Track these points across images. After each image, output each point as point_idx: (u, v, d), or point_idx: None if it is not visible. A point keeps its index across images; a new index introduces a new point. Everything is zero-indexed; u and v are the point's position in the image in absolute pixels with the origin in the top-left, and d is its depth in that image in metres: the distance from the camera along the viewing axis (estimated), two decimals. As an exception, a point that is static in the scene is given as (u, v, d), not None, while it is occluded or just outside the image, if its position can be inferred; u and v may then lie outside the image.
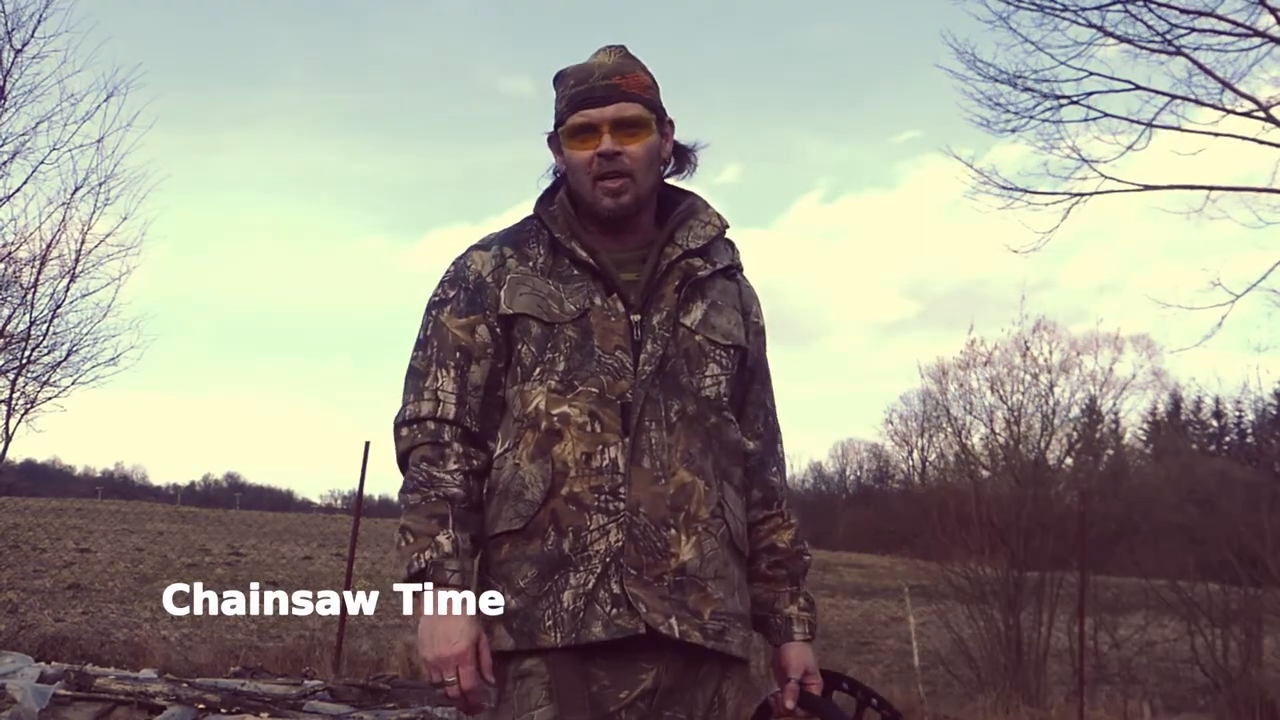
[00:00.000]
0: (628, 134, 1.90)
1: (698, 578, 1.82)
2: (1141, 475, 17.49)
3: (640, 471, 1.82)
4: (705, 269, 1.95)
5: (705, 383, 1.91)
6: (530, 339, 1.90)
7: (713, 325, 1.94)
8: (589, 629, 1.78)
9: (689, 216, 1.99)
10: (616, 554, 1.79)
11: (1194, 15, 9.81)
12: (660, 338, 1.88)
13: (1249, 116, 9.98)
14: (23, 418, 9.42)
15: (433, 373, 1.91)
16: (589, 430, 1.83)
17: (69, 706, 6.23)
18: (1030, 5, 10.11)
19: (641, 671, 1.81)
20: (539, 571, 1.81)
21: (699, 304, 1.94)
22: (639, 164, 1.91)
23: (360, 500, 10.59)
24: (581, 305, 1.89)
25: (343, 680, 7.80)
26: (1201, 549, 10.50)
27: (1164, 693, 10.24)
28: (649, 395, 1.84)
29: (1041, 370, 12.45)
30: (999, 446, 12.47)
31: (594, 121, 1.90)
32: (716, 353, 1.94)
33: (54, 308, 9.48)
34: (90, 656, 8.70)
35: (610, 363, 1.86)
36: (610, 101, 1.90)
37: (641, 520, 1.80)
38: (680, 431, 1.85)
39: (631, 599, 1.78)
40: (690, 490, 1.84)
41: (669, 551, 1.80)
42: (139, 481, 49.57)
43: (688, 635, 1.80)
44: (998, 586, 10.16)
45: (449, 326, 1.93)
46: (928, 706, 9.03)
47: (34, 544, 15.96)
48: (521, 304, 1.91)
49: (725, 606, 1.86)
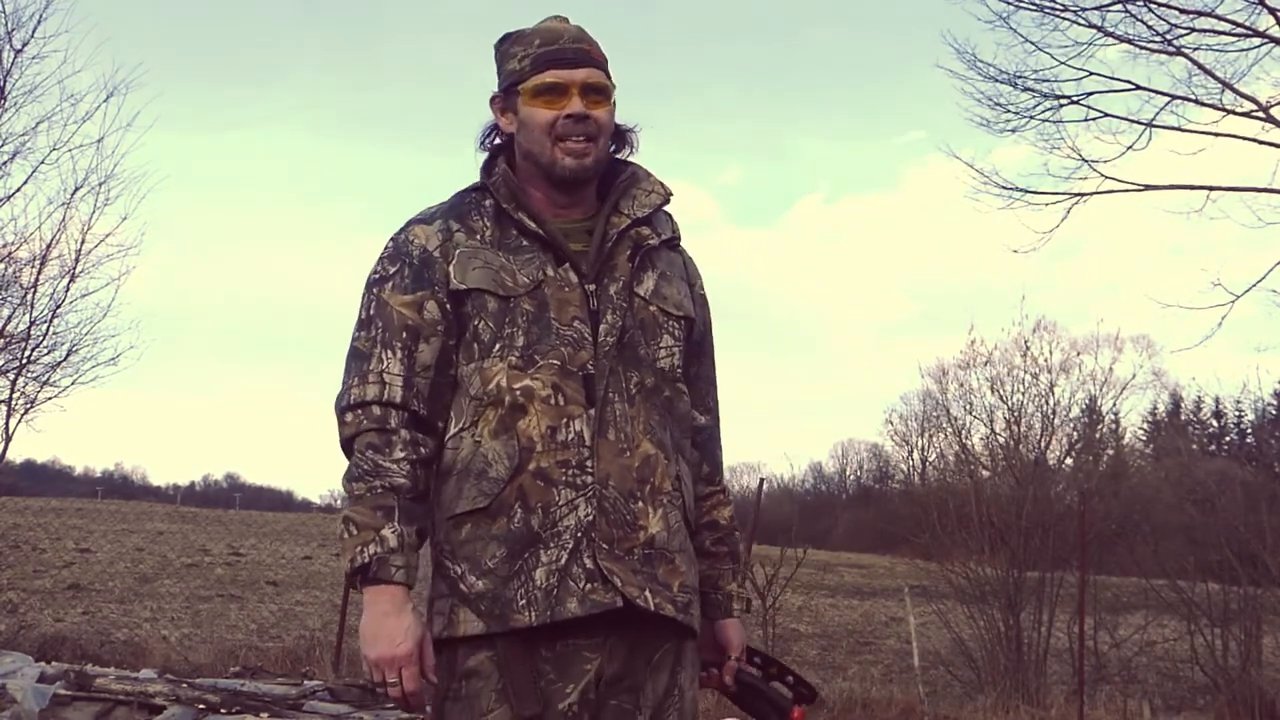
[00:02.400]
0: (595, 99, 1.89)
1: (665, 550, 1.82)
2: (1141, 475, 17.49)
3: (606, 444, 1.79)
4: (653, 239, 1.94)
5: (660, 354, 1.90)
6: (487, 314, 1.84)
7: (664, 295, 1.93)
8: (564, 605, 1.74)
9: (631, 185, 1.96)
10: (588, 528, 1.76)
11: (1194, 15, 9.83)
12: (619, 308, 1.86)
13: (1249, 116, 10.00)
14: (23, 418, 9.44)
15: (377, 354, 1.84)
16: (553, 403, 1.79)
17: (69, 706, 6.23)
18: (1030, 5, 10.13)
19: (585, 663, 1.78)
20: (508, 550, 1.76)
21: (650, 273, 1.92)
22: (603, 130, 1.90)
23: (360, 500, 10.55)
24: (535, 277, 1.85)
25: (343, 680, 7.79)
26: (1201, 549, 10.49)
27: (1164, 692, 10.23)
28: (611, 367, 1.83)
29: (1042, 370, 12.45)
30: (999, 446, 12.48)
31: (564, 82, 1.87)
32: (670, 323, 1.92)
33: (54, 308, 9.51)
34: (90, 656, 8.69)
35: (569, 334, 1.83)
36: (581, 65, 1.88)
37: (611, 493, 1.78)
38: (640, 403, 1.84)
39: (606, 573, 1.76)
40: (654, 462, 1.83)
41: (638, 524, 1.79)
42: (139, 481, 49.57)
43: (662, 608, 1.79)
44: (998, 586, 10.15)
45: (393, 305, 1.86)
46: (928, 706, 9.03)
47: (34, 544, 15.95)
48: (475, 278, 1.85)
49: (689, 580, 1.86)
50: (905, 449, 28.14)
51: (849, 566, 22.12)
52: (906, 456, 28.57)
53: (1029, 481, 11.19)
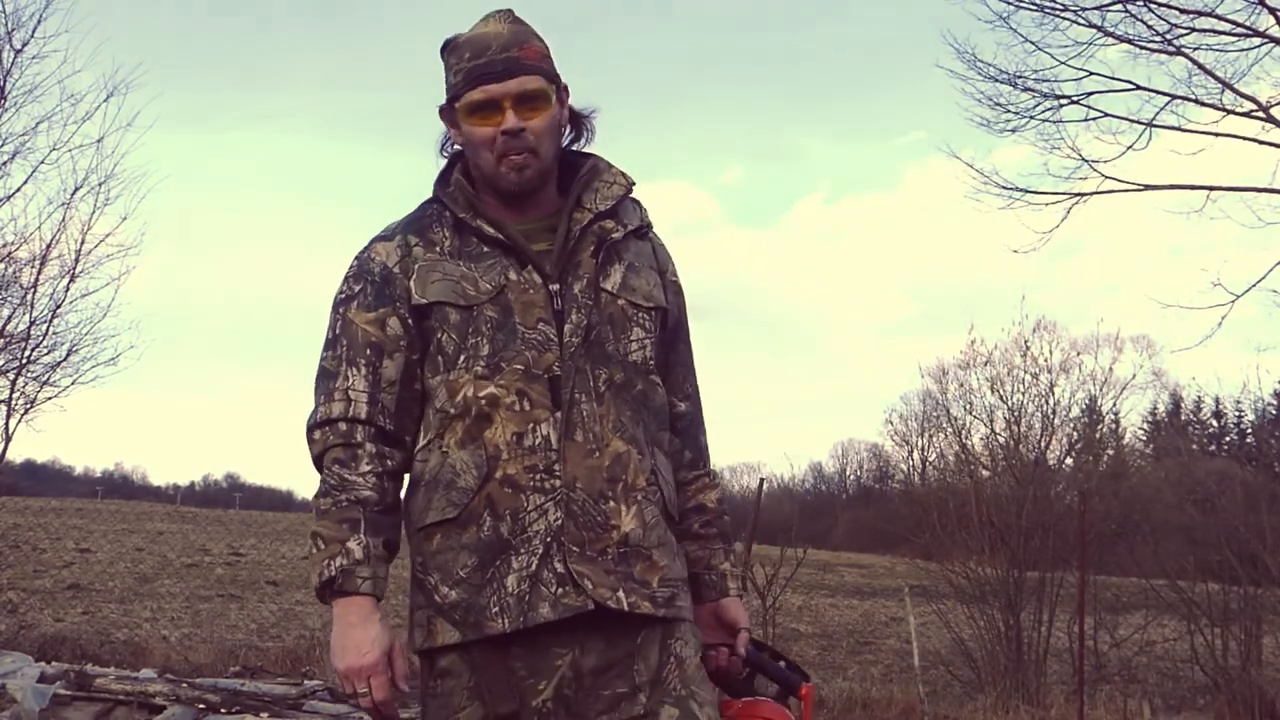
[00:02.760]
0: (530, 108, 1.85)
1: (641, 547, 1.81)
2: (1141, 475, 17.48)
3: (574, 446, 1.79)
4: (618, 231, 1.91)
5: (631, 347, 1.89)
6: (449, 327, 1.85)
7: (632, 288, 1.91)
8: (536, 611, 1.75)
9: (593, 179, 1.94)
10: (557, 532, 1.77)
11: (1194, 15, 9.82)
12: (584, 306, 1.85)
13: (1249, 116, 10.00)
14: (23, 418, 9.43)
15: (343, 372, 1.86)
16: (517, 409, 1.79)
17: (69, 706, 6.23)
18: (1030, 5, 10.13)
19: (556, 658, 1.78)
20: (479, 559, 1.78)
21: (617, 267, 1.91)
22: (543, 138, 1.87)
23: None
24: (497, 282, 1.84)
25: (343, 680, 7.78)
26: (1201, 549, 10.49)
27: (1164, 692, 10.23)
28: (578, 367, 1.82)
29: (1042, 370, 12.43)
30: (999, 446, 12.46)
31: (495, 97, 1.84)
32: (640, 315, 1.91)
33: (54, 308, 9.48)
34: (90, 656, 8.69)
35: (534, 337, 1.82)
36: (511, 75, 1.85)
37: (579, 495, 1.78)
38: (610, 401, 1.83)
39: (576, 576, 1.76)
40: (625, 459, 1.82)
41: (609, 524, 1.79)
42: (139, 481, 49.60)
43: (637, 606, 1.79)
44: (998, 586, 10.15)
45: (357, 323, 1.88)
46: (928, 706, 9.03)
47: (34, 544, 15.95)
48: (435, 291, 1.86)
49: (672, 572, 1.86)
50: (905, 449, 28.12)
51: (849, 566, 22.12)
52: (906, 456, 28.55)
53: (1029, 481, 11.18)
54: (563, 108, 1.93)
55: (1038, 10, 10.11)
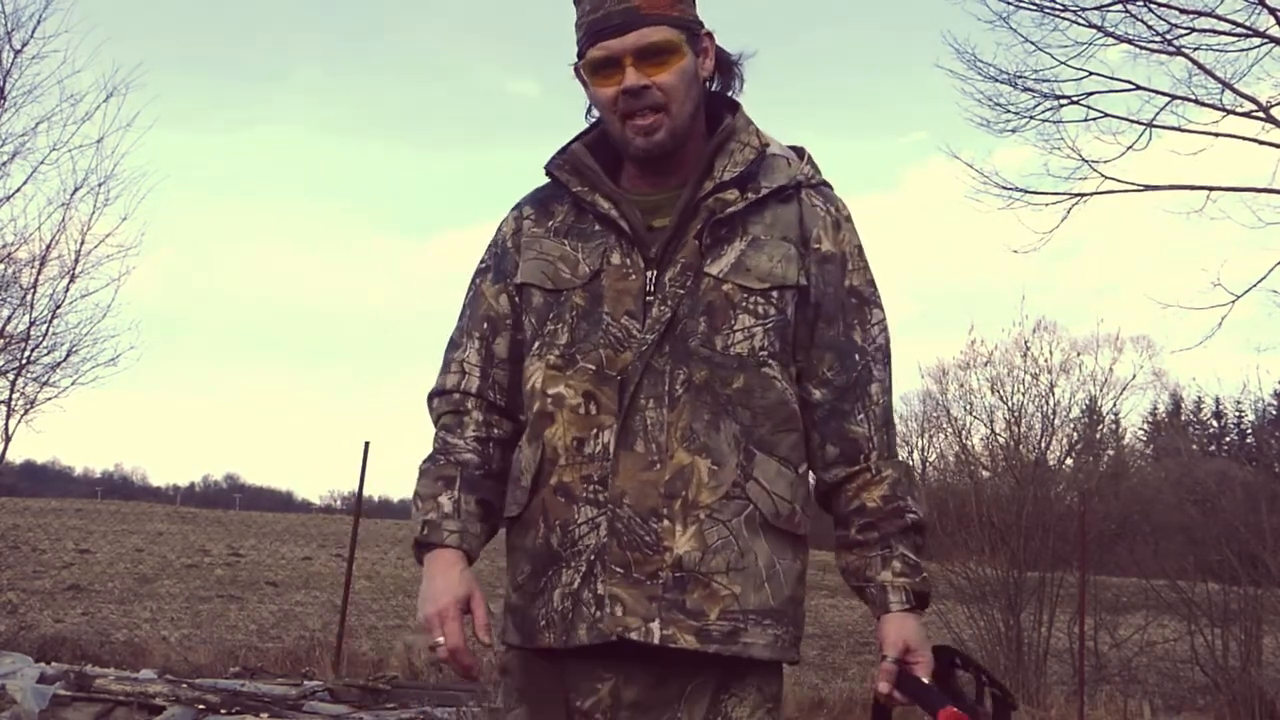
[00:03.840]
0: (654, 63, 1.67)
1: (699, 572, 1.62)
2: (1141, 475, 17.50)
3: (632, 457, 1.63)
4: (738, 202, 1.69)
5: (735, 338, 1.67)
6: (531, 309, 1.76)
7: (747, 268, 1.68)
8: (576, 632, 1.64)
9: (727, 140, 1.74)
10: (600, 551, 1.63)
11: (1194, 15, 9.84)
12: (672, 296, 1.66)
13: (1249, 116, 10.01)
14: (22, 418, 9.44)
15: (463, 344, 1.82)
16: (582, 413, 1.66)
17: (69, 707, 6.23)
18: (1030, 5, 10.14)
19: (598, 680, 1.67)
20: (533, 568, 1.70)
21: (733, 245, 1.69)
22: (673, 95, 1.68)
23: (360, 500, 10.58)
24: (595, 266, 1.70)
25: (343, 680, 7.79)
26: (1201, 549, 10.49)
27: (1164, 693, 10.22)
28: (650, 366, 1.65)
29: (1042, 370, 12.44)
30: (999, 447, 12.46)
31: (614, 54, 1.67)
32: (751, 300, 1.68)
33: (54, 308, 9.50)
34: (90, 657, 8.69)
35: (615, 331, 1.67)
36: (630, 28, 1.66)
37: (625, 512, 1.62)
38: (685, 405, 1.64)
39: (610, 601, 1.62)
40: (689, 473, 1.63)
41: (661, 545, 1.61)
42: (139, 482, 49.66)
43: (673, 639, 1.60)
44: (998, 586, 10.15)
45: (485, 294, 1.82)
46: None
47: (34, 545, 15.94)
48: (526, 271, 1.76)
49: (743, 603, 1.63)
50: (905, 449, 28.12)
51: (849, 567, 22.05)
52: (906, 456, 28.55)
53: (1029, 482, 11.18)
54: (704, 58, 1.74)
55: (1038, 10, 10.15)
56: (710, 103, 1.79)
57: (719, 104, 1.80)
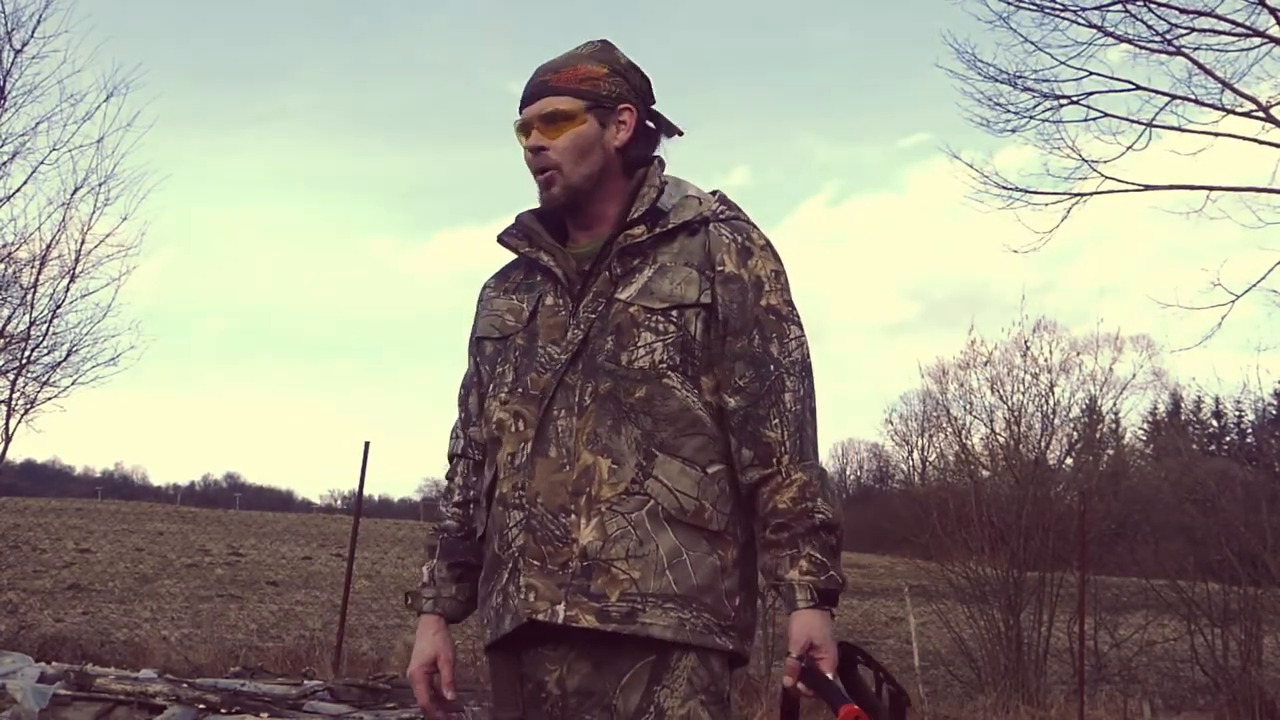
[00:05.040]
0: (551, 128, 1.91)
1: (600, 559, 1.78)
2: (1141, 475, 17.50)
3: (545, 462, 1.84)
4: (643, 235, 1.89)
5: (638, 354, 1.84)
6: (484, 359, 2.00)
7: (651, 292, 1.87)
8: (503, 623, 1.85)
9: (638, 186, 1.95)
10: (521, 548, 1.84)
11: (1194, 15, 9.82)
12: (585, 320, 1.87)
13: (1249, 116, 10.00)
14: (23, 418, 9.43)
15: (458, 412, 2.08)
16: (513, 430, 1.89)
17: (69, 706, 6.24)
18: (1030, 5, 10.12)
19: (545, 673, 1.87)
20: (485, 574, 1.93)
21: (643, 273, 1.88)
22: (565, 156, 1.91)
23: (360, 500, 10.59)
24: (531, 307, 1.94)
25: (343, 680, 7.80)
26: (1201, 549, 10.50)
27: (1164, 692, 10.23)
28: (563, 382, 1.85)
29: (1042, 370, 12.44)
30: (999, 446, 12.47)
31: (526, 119, 1.94)
32: (653, 319, 1.85)
33: (54, 308, 9.49)
34: (90, 656, 8.69)
35: (542, 359, 1.89)
36: (537, 98, 1.93)
37: (539, 510, 1.82)
38: (591, 413, 1.83)
39: (526, 589, 1.81)
40: (592, 472, 1.81)
41: (569, 537, 1.80)
42: (139, 481, 49.74)
43: (575, 620, 1.76)
44: (998, 586, 10.16)
45: (468, 364, 2.07)
46: (928, 706, 9.03)
47: (34, 544, 15.97)
48: (481, 327, 2.02)
49: (642, 587, 1.77)
50: (905, 449, 28.21)
51: (849, 566, 21.96)
52: (906, 456, 28.62)
53: (1029, 481, 11.19)
54: (614, 128, 1.94)
55: (1038, 10, 10.12)
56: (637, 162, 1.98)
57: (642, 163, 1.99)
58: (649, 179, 1.96)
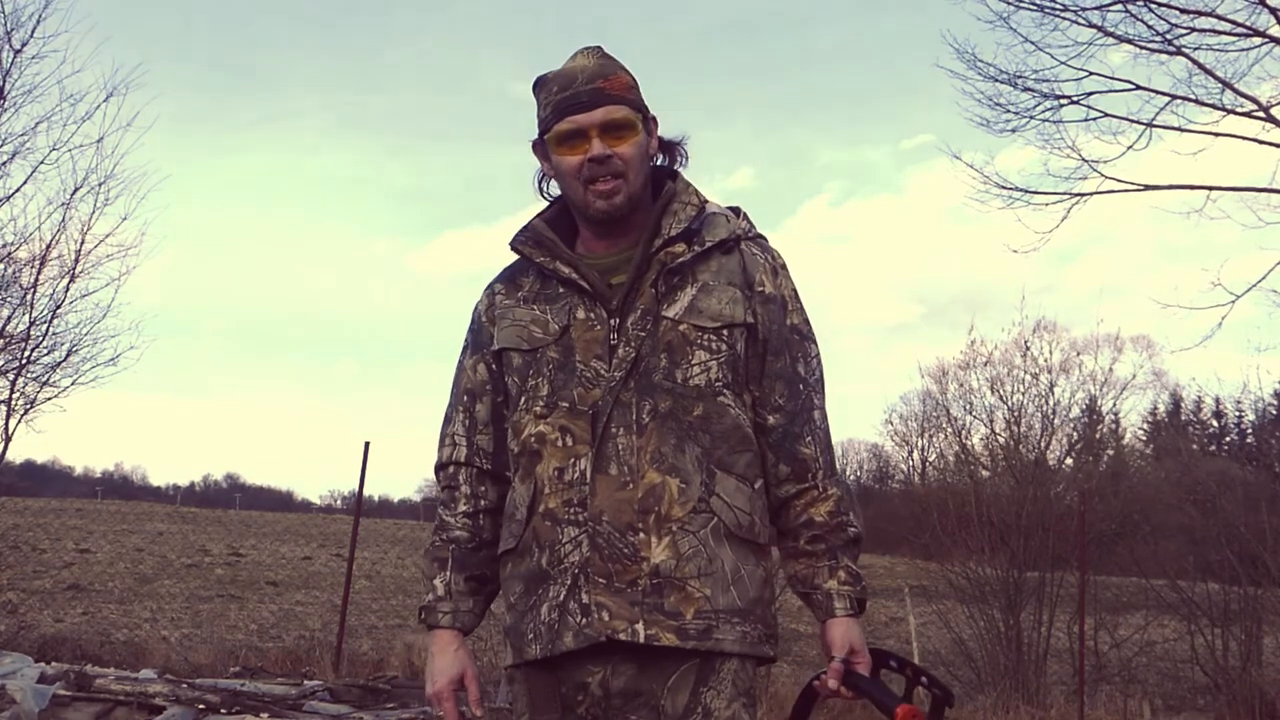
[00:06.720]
0: (616, 136, 1.90)
1: (674, 578, 1.81)
2: (1141, 475, 17.49)
3: (606, 479, 1.83)
4: (686, 253, 1.91)
5: (693, 372, 1.88)
6: (512, 370, 1.97)
7: (699, 310, 1.90)
8: (561, 639, 1.84)
9: (670, 201, 1.96)
10: (584, 564, 1.83)
11: (1194, 15, 9.82)
12: (634, 339, 1.87)
13: (1249, 116, 10.00)
14: (22, 418, 9.44)
15: (452, 418, 2.05)
16: (560, 445, 1.87)
17: (69, 707, 6.24)
18: (1031, 5, 10.13)
19: (588, 675, 1.86)
20: (524, 587, 1.90)
21: (685, 291, 1.90)
22: (631, 165, 1.91)
23: (360, 501, 10.59)
24: (563, 322, 1.92)
25: (343, 680, 7.80)
26: (1201, 549, 10.50)
27: (1164, 693, 10.23)
28: (619, 400, 1.85)
29: (1042, 370, 12.47)
30: (999, 446, 12.49)
31: (582, 126, 1.90)
32: (705, 338, 1.89)
33: (54, 308, 9.51)
34: (90, 657, 8.69)
35: (586, 374, 1.88)
36: (596, 105, 1.90)
37: (605, 529, 1.82)
38: (652, 431, 1.84)
39: (597, 608, 1.81)
40: (660, 491, 1.83)
41: (639, 556, 1.81)
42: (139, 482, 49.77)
43: (656, 639, 1.80)
44: (998, 586, 10.15)
45: (465, 369, 2.05)
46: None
47: (34, 544, 15.96)
48: (503, 338, 1.98)
49: (714, 603, 1.83)
50: (905, 449, 28.20)
51: (849, 567, 22.05)
52: (906, 456, 28.62)
53: (1029, 481, 11.20)
54: (651, 138, 1.97)
55: (1038, 10, 10.13)
56: (655, 174, 2.01)
57: (662, 175, 2.03)
58: (681, 193, 1.97)
